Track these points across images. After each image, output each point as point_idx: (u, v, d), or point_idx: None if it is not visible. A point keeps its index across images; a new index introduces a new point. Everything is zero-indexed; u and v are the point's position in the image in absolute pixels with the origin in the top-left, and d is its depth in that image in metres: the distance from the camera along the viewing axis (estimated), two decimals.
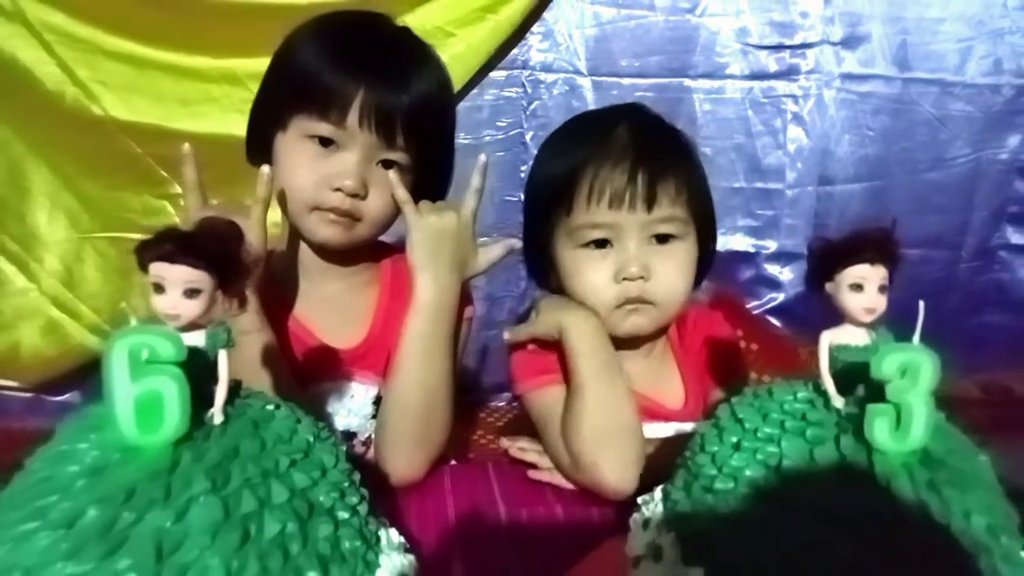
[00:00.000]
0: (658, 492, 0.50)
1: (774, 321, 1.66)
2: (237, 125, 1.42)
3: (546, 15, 1.54)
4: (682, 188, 0.75)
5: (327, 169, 0.73)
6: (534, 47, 1.56)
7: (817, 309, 0.47)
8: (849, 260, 0.43)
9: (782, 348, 1.46)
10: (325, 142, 0.74)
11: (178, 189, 1.48)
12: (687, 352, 0.84)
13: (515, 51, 1.56)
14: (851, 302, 0.43)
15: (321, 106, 0.72)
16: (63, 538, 0.33)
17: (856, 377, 0.43)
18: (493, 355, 1.57)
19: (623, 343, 0.78)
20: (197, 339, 0.38)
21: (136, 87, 1.43)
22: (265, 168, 0.72)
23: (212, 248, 0.38)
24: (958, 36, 1.66)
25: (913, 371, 0.39)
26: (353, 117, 0.72)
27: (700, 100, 1.64)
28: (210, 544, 0.34)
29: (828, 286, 0.45)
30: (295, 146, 0.74)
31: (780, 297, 1.70)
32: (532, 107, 1.58)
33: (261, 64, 1.42)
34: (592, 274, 0.76)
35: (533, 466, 0.78)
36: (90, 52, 1.41)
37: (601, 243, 0.75)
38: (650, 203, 0.73)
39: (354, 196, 0.74)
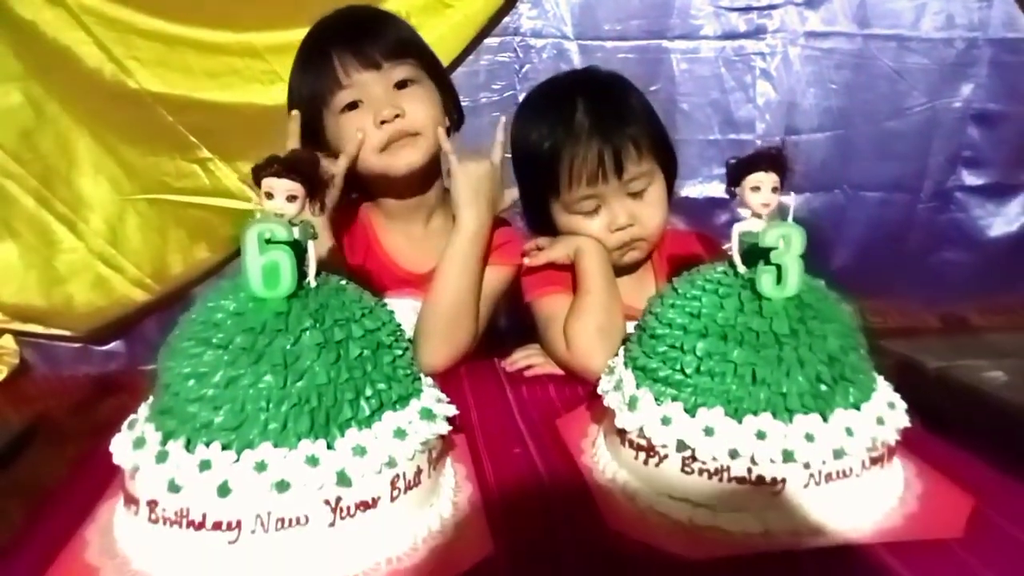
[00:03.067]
0: (621, 349, 0.68)
1: None
2: (258, 94, 1.60)
3: None
4: (641, 146, 0.92)
5: (367, 119, 0.93)
6: (524, 15, 1.70)
7: None
8: (749, 169, 0.60)
9: None
10: (353, 106, 0.94)
11: (207, 153, 1.64)
12: (662, 265, 1.02)
13: (507, 19, 1.69)
14: (751, 200, 0.60)
15: (333, 74, 0.92)
16: (223, 354, 0.51)
17: (757, 254, 0.61)
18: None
19: (621, 269, 0.96)
20: (295, 232, 0.56)
21: (167, 62, 1.56)
22: (295, 112, 0.94)
23: (303, 168, 0.55)
24: None
25: (788, 241, 0.57)
26: (353, 67, 0.92)
27: (677, 60, 1.77)
28: (316, 359, 0.52)
29: (737, 190, 0.62)
30: (338, 121, 0.95)
31: None
32: (524, 70, 1.72)
33: (277, 37, 1.58)
34: (589, 231, 0.94)
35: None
36: (125, 32, 1.53)
37: (589, 207, 0.93)
38: (620, 172, 0.91)
39: (396, 118, 0.93)
